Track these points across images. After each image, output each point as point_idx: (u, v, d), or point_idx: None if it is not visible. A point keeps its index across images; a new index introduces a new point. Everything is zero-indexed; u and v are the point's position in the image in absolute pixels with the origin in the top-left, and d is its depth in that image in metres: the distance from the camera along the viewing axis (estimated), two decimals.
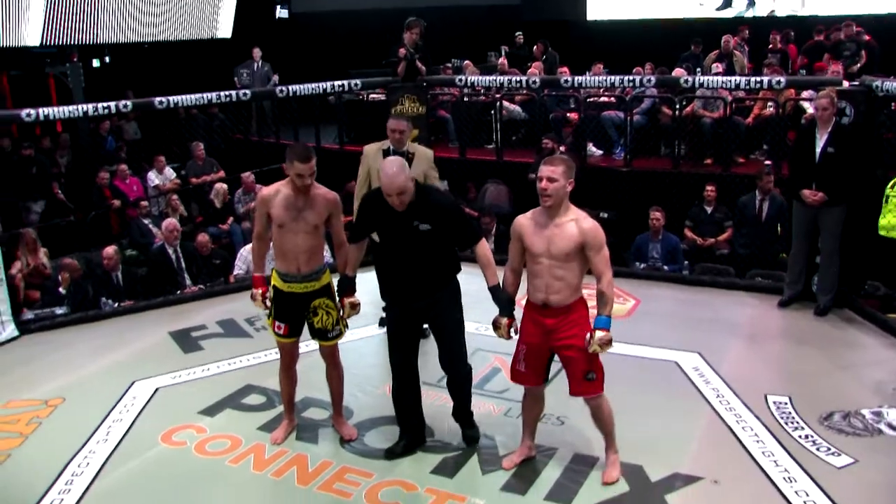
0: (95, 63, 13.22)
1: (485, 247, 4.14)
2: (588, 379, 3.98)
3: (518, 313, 4.14)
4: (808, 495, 3.97)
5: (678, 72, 9.75)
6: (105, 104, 6.80)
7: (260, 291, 4.47)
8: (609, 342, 3.85)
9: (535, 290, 3.98)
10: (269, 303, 4.48)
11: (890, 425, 4.65)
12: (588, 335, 3.85)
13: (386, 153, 5.75)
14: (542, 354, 4.08)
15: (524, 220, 4.01)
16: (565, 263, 3.87)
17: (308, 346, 4.87)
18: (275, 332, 4.52)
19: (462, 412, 4.55)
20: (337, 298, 4.50)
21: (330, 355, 4.60)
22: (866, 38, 11.04)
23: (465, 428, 4.56)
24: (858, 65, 10.17)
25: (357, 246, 4.35)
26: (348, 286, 4.41)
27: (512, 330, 4.09)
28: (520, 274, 4.13)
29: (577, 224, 3.87)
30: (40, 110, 6.64)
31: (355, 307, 4.44)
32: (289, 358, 4.60)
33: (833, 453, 4.34)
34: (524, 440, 4.36)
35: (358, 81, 8.08)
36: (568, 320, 3.93)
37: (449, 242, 4.17)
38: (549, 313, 3.96)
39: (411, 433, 4.50)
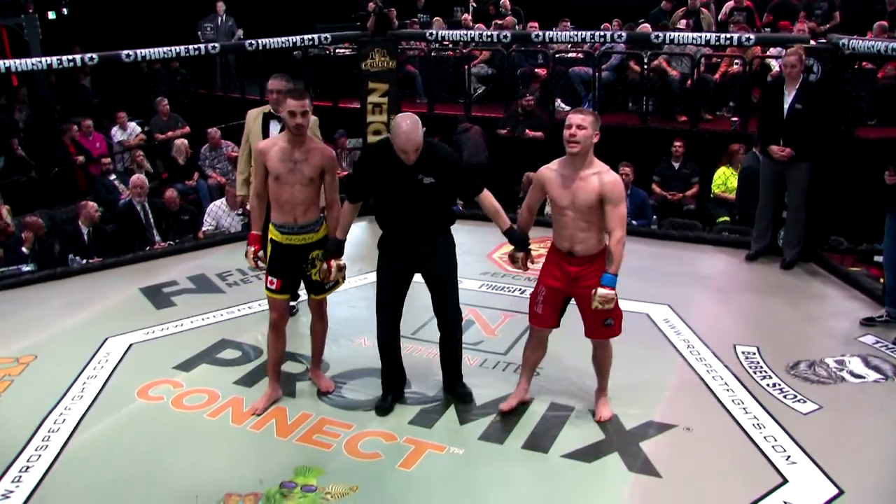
0: (51, 15, 12.83)
1: (489, 195, 4.19)
2: (606, 325, 4.13)
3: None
4: (776, 440, 4.10)
5: (647, 27, 9.77)
6: (70, 57, 6.60)
7: (252, 249, 4.43)
8: (611, 300, 3.92)
9: (560, 238, 4.08)
10: (260, 263, 4.45)
11: (852, 373, 4.80)
12: (592, 291, 3.92)
13: (266, 117, 5.43)
14: (560, 299, 4.18)
15: (548, 172, 4.06)
16: (589, 216, 3.95)
17: None
18: (267, 288, 4.43)
19: (453, 367, 4.55)
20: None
21: (318, 308, 4.58)
22: None
23: (458, 386, 4.56)
24: (830, 24, 10.23)
25: (353, 207, 4.24)
26: (336, 248, 4.31)
27: (529, 261, 4.24)
28: (535, 212, 4.28)
29: (598, 177, 3.92)
30: (2, 62, 6.47)
31: (342, 269, 4.35)
32: (279, 316, 4.49)
33: (799, 400, 4.48)
34: (520, 383, 4.45)
35: (328, 35, 7.96)
36: (591, 269, 4.01)
37: (450, 194, 4.19)
38: (573, 261, 4.05)
39: (396, 387, 4.53)
